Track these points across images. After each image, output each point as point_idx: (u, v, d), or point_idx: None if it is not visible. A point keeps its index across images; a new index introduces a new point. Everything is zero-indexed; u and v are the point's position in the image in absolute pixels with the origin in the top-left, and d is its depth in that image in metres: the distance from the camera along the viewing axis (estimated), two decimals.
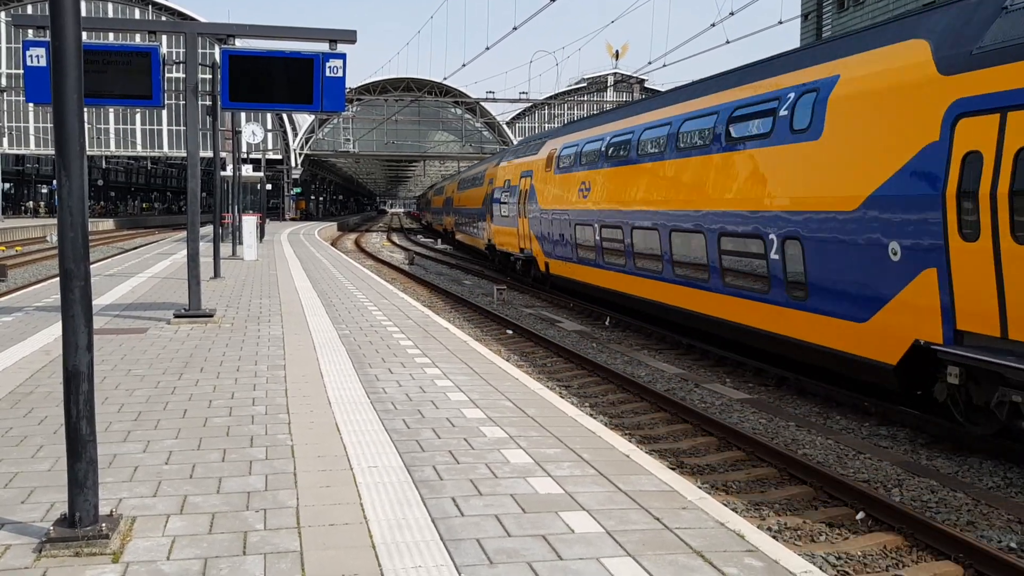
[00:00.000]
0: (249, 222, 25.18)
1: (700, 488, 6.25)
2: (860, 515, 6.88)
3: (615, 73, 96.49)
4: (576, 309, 19.88)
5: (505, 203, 26.51)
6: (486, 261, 32.44)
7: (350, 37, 11.20)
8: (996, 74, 7.94)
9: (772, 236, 11.22)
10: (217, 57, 12.62)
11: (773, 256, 11.20)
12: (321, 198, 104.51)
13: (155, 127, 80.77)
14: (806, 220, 10.51)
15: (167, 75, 11.52)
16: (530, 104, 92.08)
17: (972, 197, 7.97)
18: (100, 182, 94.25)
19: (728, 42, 25.65)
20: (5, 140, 74.00)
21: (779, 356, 12.00)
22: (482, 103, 78.58)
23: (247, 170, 33.55)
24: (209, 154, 20.67)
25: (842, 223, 9.82)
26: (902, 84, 9.18)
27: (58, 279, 4.30)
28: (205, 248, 16.59)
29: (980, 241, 7.90)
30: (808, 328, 10.58)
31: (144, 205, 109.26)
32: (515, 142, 64.88)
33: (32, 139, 78.21)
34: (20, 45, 11.12)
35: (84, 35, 4.33)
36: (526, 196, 23.71)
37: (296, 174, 77.03)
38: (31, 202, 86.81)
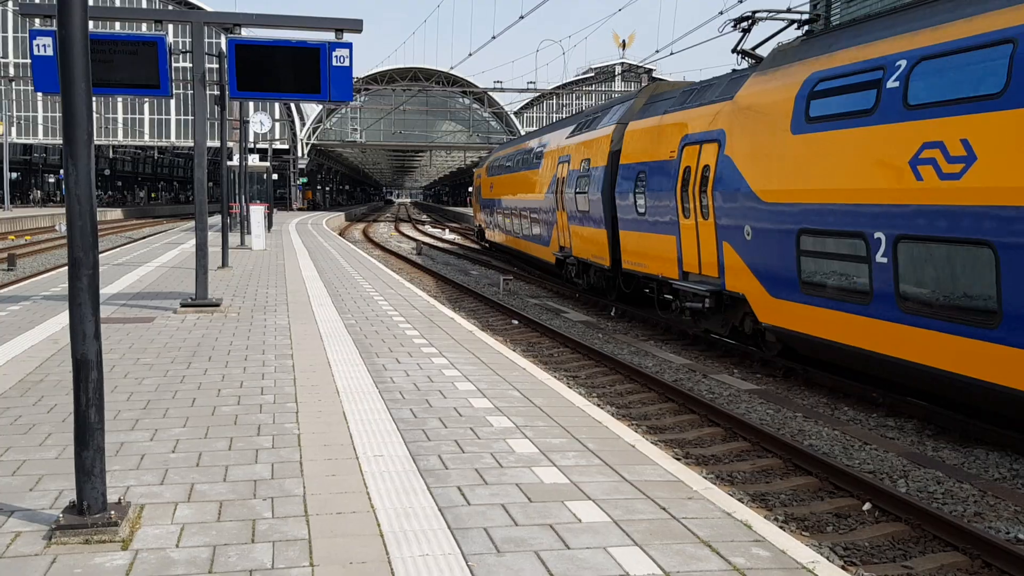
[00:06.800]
0: (257, 212, 25.18)
1: (705, 478, 6.26)
2: (867, 506, 6.88)
3: (622, 63, 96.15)
4: (581, 300, 19.88)
5: (473, 195, 41.75)
6: (488, 252, 37.15)
7: (356, 26, 11.18)
8: (563, 149, 20.86)
9: (529, 211, 24.70)
10: (223, 46, 12.60)
11: (532, 221, 24.51)
12: (327, 188, 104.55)
13: (163, 117, 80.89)
14: (532, 204, 24.08)
15: (174, 64, 11.52)
16: (538, 94, 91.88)
17: (558, 194, 20.70)
18: (107, 171, 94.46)
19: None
20: (13, 129, 74.16)
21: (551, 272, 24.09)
22: (490, 93, 78.41)
23: (253, 160, 33.53)
24: (216, 144, 20.66)
25: (539, 205, 23.16)
26: (554, 147, 21.96)
27: (66, 268, 4.31)
28: (213, 238, 16.62)
29: (559, 212, 20.63)
30: (537, 250, 24.14)
31: (152, 195, 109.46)
32: (522, 132, 64.79)
33: (40, 128, 78.38)
34: (27, 34, 11.10)
35: (90, 24, 4.33)
36: (479, 189, 37.35)
37: (303, 164, 77.04)
38: (39, 191, 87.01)
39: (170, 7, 74.13)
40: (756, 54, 13.56)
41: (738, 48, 13.78)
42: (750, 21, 13.45)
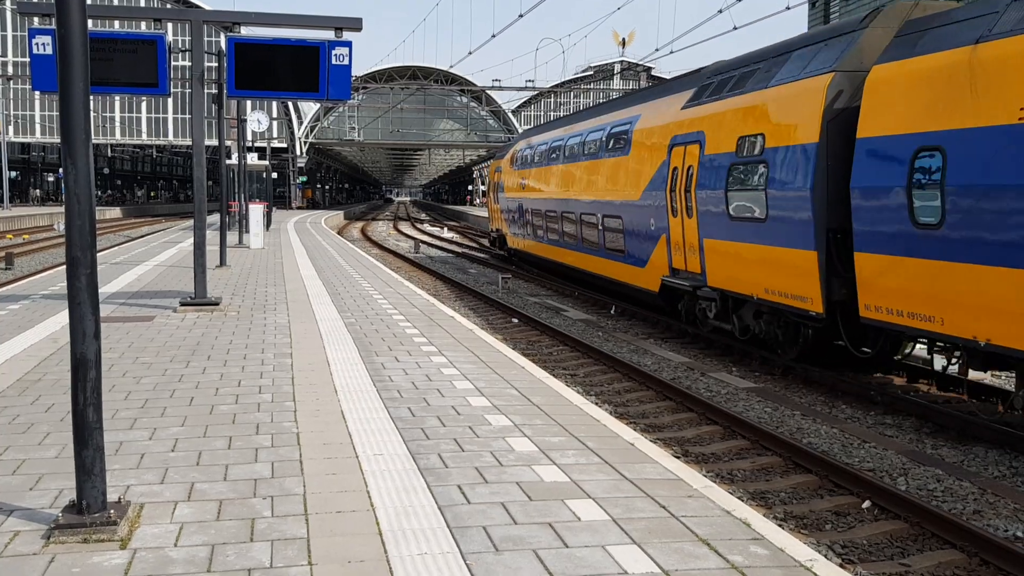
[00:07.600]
0: (256, 211, 25.16)
1: (705, 476, 6.25)
2: (866, 504, 6.89)
3: (622, 61, 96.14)
4: (581, 298, 19.87)
5: (488, 192, 34.54)
6: (489, 252, 35.74)
7: (355, 25, 11.17)
8: (682, 125, 14.37)
9: (604, 216, 18.05)
10: (223, 45, 12.60)
11: (607, 229, 17.92)
12: (327, 187, 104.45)
13: (161, 115, 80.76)
14: (612, 206, 17.48)
15: (173, 63, 11.51)
16: (536, 92, 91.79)
17: (676, 193, 14.17)
18: (106, 170, 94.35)
19: (735, 28, 25.48)
20: (11, 128, 74.03)
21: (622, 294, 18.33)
22: (488, 91, 78.31)
23: (252, 159, 33.52)
24: (214, 142, 20.66)
25: (625, 208, 16.63)
26: (658, 124, 15.41)
27: (64, 267, 4.31)
28: (212, 236, 16.62)
29: (678, 216, 14.11)
30: (622, 272, 17.28)
31: (151, 194, 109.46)
32: (520, 131, 64.85)
33: (38, 127, 78.29)
34: (26, 33, 11.10)
35: (89, 23, 4.33)
36: (498, 186, 30.42)
37: (302, 163, 76.98)
38: (38, 190, 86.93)
39: (169, 6, 74.01)
40: None
41: None
42: None
